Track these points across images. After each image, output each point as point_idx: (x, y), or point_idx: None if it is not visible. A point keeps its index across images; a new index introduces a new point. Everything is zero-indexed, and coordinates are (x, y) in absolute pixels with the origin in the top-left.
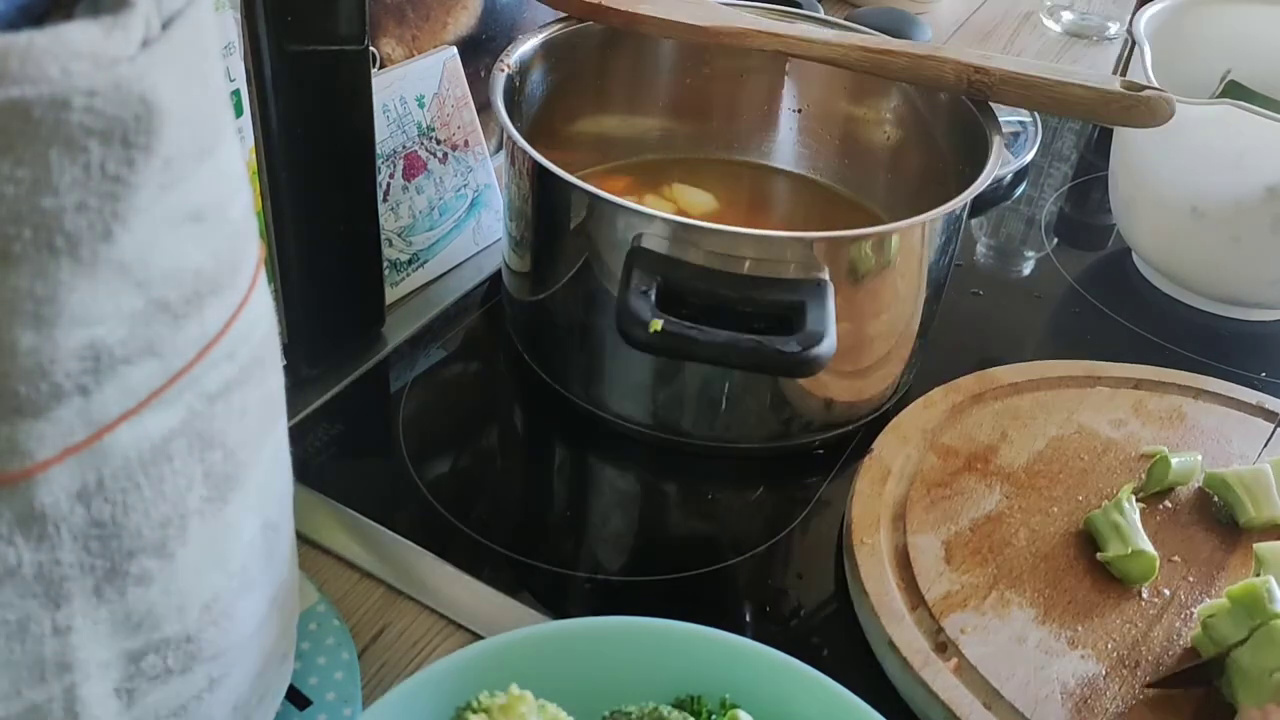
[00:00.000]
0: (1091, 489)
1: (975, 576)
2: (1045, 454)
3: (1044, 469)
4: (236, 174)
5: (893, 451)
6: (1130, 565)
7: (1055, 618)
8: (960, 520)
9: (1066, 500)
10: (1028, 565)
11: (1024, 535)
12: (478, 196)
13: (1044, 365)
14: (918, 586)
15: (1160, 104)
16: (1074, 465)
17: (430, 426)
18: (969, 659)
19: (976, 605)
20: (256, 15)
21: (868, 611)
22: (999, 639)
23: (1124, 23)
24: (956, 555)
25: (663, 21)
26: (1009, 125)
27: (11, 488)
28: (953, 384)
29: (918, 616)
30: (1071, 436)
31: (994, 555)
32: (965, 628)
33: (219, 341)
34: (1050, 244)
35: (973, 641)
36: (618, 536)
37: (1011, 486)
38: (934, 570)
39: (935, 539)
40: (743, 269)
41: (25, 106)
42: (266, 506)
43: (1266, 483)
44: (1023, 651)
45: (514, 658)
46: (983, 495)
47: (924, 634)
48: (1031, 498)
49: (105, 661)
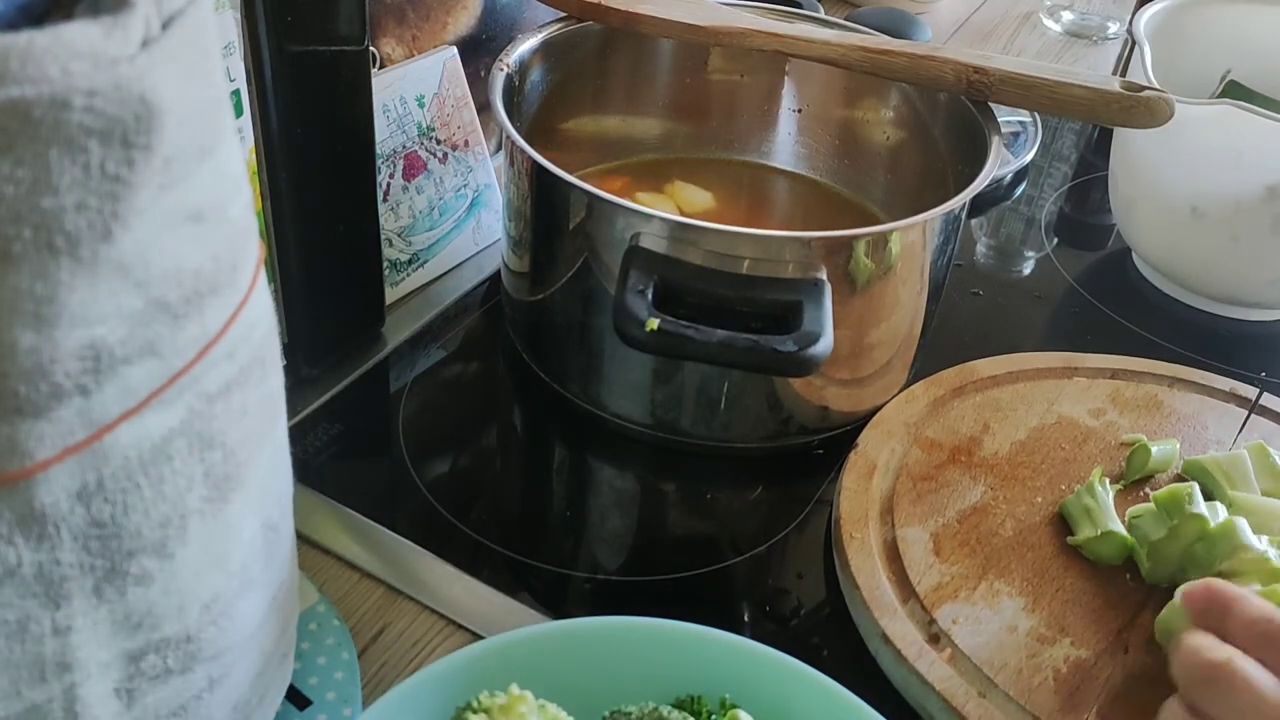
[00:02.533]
0: (1074, 477)
1: (964, 567)
2: (1027, 444)
3: (1026, 459)
4: (236, 174)
5: (877, 446)
6: (1100, 546)
7: (1045, 605)
8: (947, 512)
9: (1050, 490)
10: (1015, 555)
11: (1010, 525)
12: (478, 196)
13: (1023, 357)
14: (908, 579)
15: (1160, 104)
16: (1056, 455)
17: (430, 426)
18: (962, 649)
19: (967, 596)
20: (256, 15)
21: (860, 606)
22: (990, 628)
23: (1124, 23)
24: (945, 547)
25: (662, 21)
26: (1009, 125)
27: (11, 488)
28: (933, 378)
29: (909, 609)
30: (1052, 427)
31: (982, 546)
32: (957, 618)
33: (219, 341)
34: (1050, 244)
35: (965, 632)
36: (617, 536)
37: (995, 478)
38: (924, 562)
39: (923, 531)
40: (740, 268)
41: (25, 106)
42: (266, 506)
43: (1244, 468)
44: (1014, 640)
45: (514, 658)
46: (968, 487)
47: (916, 626)
48: (1015, 488)
49: (105, 661)
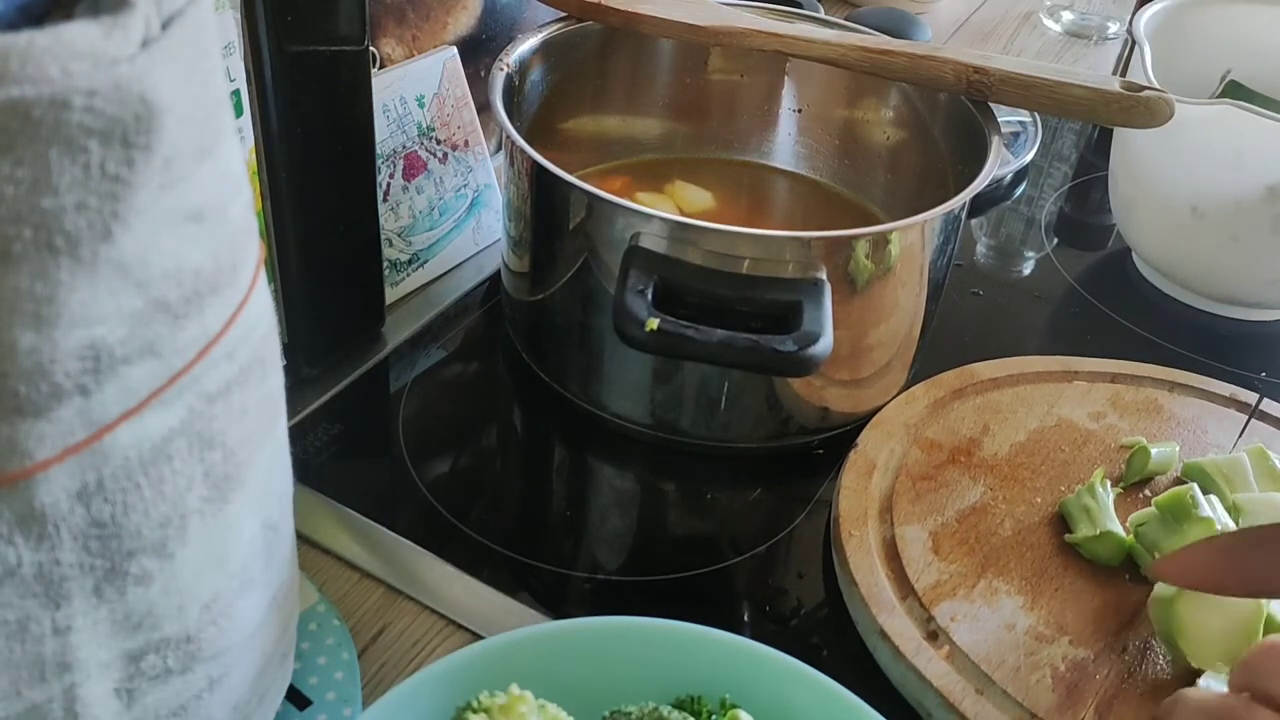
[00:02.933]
0: (1073, 479)
1: (963, 566)
2: (1027, 446)
3: (1026, 461)
4: (236, 174)
5: (877, 446)
6: (1098, 546)
7: (1043, 604)
8: (946, 511)
9: (1049, 491)
10: (1014, 554)
11: (1009, 525)
12: (478, 196)
13: (1023, 361)
14: (907, 576)
15: (1160, 104)
16: (1055, 457)
17: (430, 426)
18: (960, 646)
19: (965, 594)
20: (256, 15)
21: (858, 603)
22: (989, 626)
23: (1124, 23)
24: (944, 545)
25: (662, 21)
26: (1009, 125)
27: (11, 488)
28: (934, 380)
29: (908, 606)
30: (1052, 429)
31: (980, 545)
32: (955, 616)
33: (219, 341)
34: (1050, 244)
35: (963, 629)
36: (617, 536)
37: (995, 478)
38: (922, 560)
39: (922, 530)
40: (740, 268)
41: (25, 106)
42: (266, 506)
43: (1244, 471)
44: (1013, 638)
45: (514, 658)
46: (967, 487)
47: (915, 623)
48: (1015, 489)
49: (105, 661)
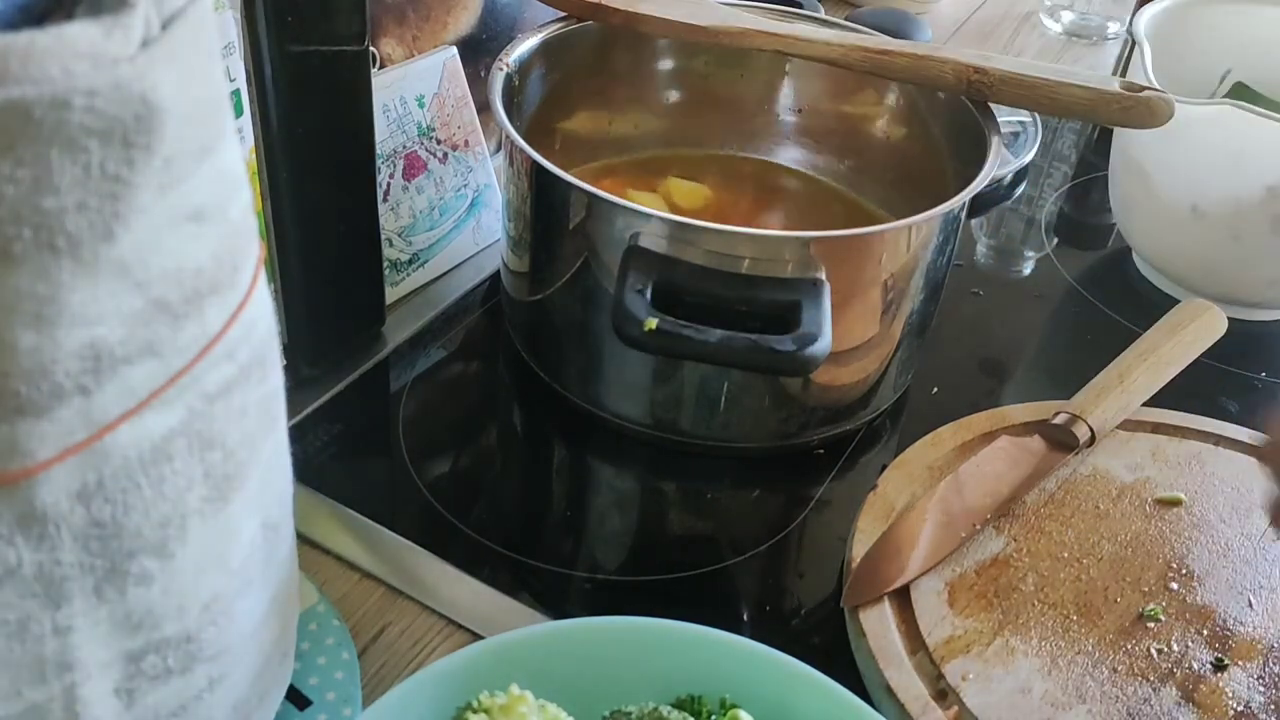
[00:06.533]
0: (1104, 535)
1: (979, 622)
2: (1057, 496)
3: (1055, 512)
4: (236, 174)
5: (898, 488)
6: None
7: (1063, 669)
8: (965, 561)
9: (1077, 545)
10: (1035, 612)
11: (1032, 580)
12: (478, 196)
13: (1058, 405)
14: (918, 629)
15: (1160, 104)
16: (1087, 509)
17: (430, 426)
18: (970, 708)
19: (979, 652)
20: (256, 15)
21: (865, 654)
22: (1002, 688)
23: (1124, 23)
24: (960, 599)
25: (662, 21)
26: (1009, 125)
27: (11, 488)
28: (962, 421)
29: (917, 661)
30: (1085, 479)
31: (1000, 600)
32: (967, 674)
33: (219, 341)
34: (1050, 244)
35: (974, 690)
36: (617, 536)
37: (1020, 529)
38: (936, 613)
39: (938, 580)
40: (739, 268)
41: (25, 106)
42: (266, 506)
43: None
44: (1027, 703)
45: (514, 658)
46: (989, 537)
47: (923, 679)
48: (1041, 542)
49: (105, 661)
